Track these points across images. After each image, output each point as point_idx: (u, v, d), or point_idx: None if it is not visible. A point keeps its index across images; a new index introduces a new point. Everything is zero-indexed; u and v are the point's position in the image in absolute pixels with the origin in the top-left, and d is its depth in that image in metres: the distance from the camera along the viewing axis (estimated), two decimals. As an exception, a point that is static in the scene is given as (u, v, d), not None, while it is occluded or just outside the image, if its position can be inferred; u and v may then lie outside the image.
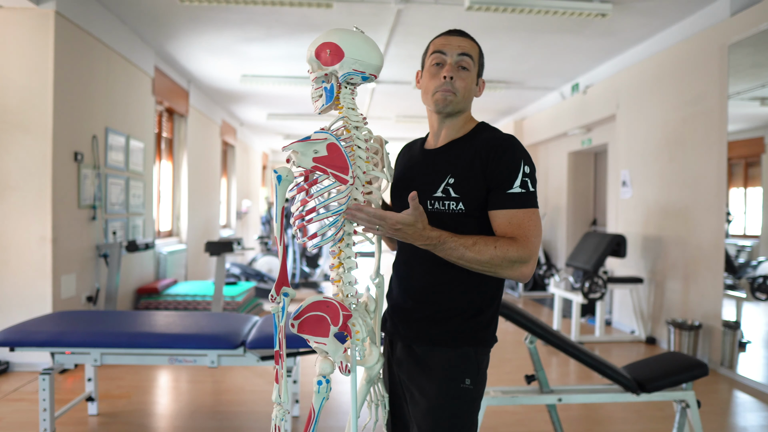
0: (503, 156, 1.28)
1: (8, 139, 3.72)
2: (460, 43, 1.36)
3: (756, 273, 4.07)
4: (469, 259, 1.23)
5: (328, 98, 1.29)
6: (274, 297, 1.21)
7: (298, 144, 1.21)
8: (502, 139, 1.31)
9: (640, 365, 2.56)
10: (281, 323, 1.21)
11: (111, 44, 4.58)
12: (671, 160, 4.75)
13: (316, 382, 1.26)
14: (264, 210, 11.82)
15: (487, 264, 1.23)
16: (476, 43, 1.39)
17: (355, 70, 1.27)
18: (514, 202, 1.26)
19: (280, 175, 1.19)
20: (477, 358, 1.34)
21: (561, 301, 5.41)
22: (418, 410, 1.33)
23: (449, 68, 1.34)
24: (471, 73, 1.36)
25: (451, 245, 1.23)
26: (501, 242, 1.23)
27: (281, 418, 1.25)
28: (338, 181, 1.22)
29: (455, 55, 1.34)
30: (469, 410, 1.33)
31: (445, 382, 1.31)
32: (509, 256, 1.22)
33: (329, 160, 1.22)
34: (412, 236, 1.22)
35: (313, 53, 1.28)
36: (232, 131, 9.45)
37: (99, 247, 4.38)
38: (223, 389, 3.56)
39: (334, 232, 1.26)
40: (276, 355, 1.24)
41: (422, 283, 1.37)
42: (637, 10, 4.37)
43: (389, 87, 7.03)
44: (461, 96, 1.35)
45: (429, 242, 1.23)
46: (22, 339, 2.46)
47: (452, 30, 1.40)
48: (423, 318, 1.36)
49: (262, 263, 7.84)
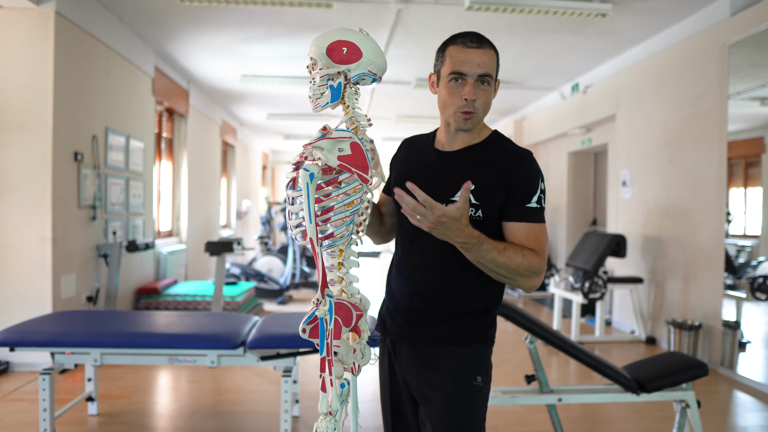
0: (527, 171, 1.31)
1: (8, 139, 3.72)
2: (480, 60, 1.29)
3: (756, 273, 4.07)
4: (499, 263, 1.23)
5: (334, 97, 1.25)
6: (319, 300, 1.14)
7: (326, 141, 1.18)
8: (524, 155, 1.34)
9: (640, 365, 2.56)
10: (330, 326, 1.15)
11: (111, 44, 4.58)
12: (671, 160, 4.75)
13: (339, 385, 1.20)
14: (264, 210, 11.81)
15: (512, 270, 1.24)
16: (494, 49, 1.34)
17: (369, 71, 1.26)
18: (531, 216, 1.29)
19: (312, 173, 1.12)
20: (486, 355, 1.37)
21: (561, 301, 5.41)
22: (432, 409, 1.34)
23: (471, 90, 1.29)
24: (491, 87, 1.33)
25: (487, 247, 1.22)
26: (527, 252, 1.26)
27: (333, 429, 1.16)
28: (360, 181, 1.20)
29: (476, 76, 1.29)
30: (481, 408, 1.35)
31: (458, 380, 1.33)
32: (532, 266, 1.25)
33: (353, 159, 1.19)
34: (454, 231, 1.18)
35: (324, 49, 1.23)
36: (232, 131, 9.44)
37: (99, 247, 4.38)
38: (223, 389, 3.56)
39: (349, 232, 1.24)
40: (323, 361, 1.14)
41: (430, 285, 1.37)
42: (637, 10, 4.37)
43: (389, 87, 7.03)
44: (482, 112, 1.34)
45: (468, 240, 1.20)
46: (22, 339, 2.46)
47: (470, 37, 1.31)
48: (432, 318, 1.36)
49: (262, 263, 7.83)
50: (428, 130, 1.60)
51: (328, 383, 1.14)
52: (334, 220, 1.21)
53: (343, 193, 1.21)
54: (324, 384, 1.14)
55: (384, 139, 11.45)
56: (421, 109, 8.48)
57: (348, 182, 1.21)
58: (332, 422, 1.16)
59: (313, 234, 1.13)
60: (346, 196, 1.22)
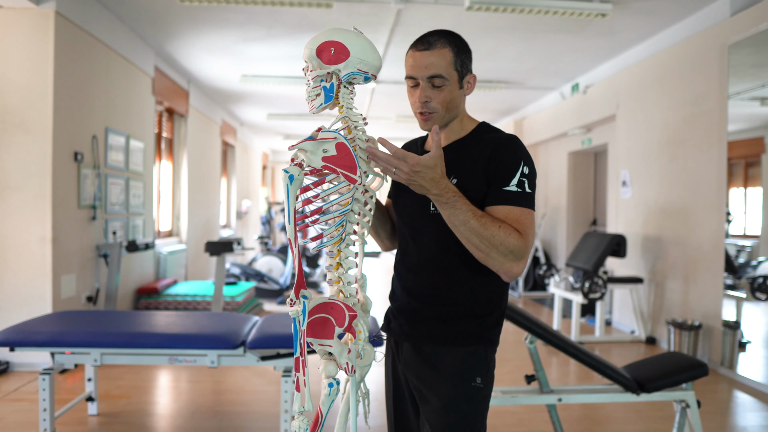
0: (504, 154, 1.28)
1: (8, 139, 3.72)
2: (427, 62, 1.29)
3: (756, 273, 4.07)
4: (472, 227, 1.19)
5: (328, 97, 1.27)
6: (293, 301, 1.15)
7: (308, 143, 1.19)
8: (505, 139, 1.31)
9: (640, 365, 2.56)
10: (303, 327, 1.16)
11: (111, 44, 4.58)
12: (671, 160, 4.75)
13: (327, 384, 1.23)
14: (264, 210, 11.81)
15: (486, 240, 1.19)
16: (449, 45, 1.31)
17: (359, 69, 1.26)
18: (510, 200, 1.25)
19: (292, 175, 1.15)
20: (486, 356, 1.35)
21: (561, 301, 5.41)
22: (430, 409, 1.33)
23: (421, 93, 1.31)
24: (448, 86, 1.31)
25: (462, 206, 1.20)
26: (505, 226, 1.21)
27: (305, 429, 1.19)
28: (347, 181, 1.21)
29: (425, 79, 1.30)
30: (480, 409, 1.34)
31: (456, 381, 1.32)
32: (508, 242, 1.20)
33: (338, 159, 1.20)
34: (430, 181, 1.17)
35: (314, 51, 1.25)
36: (232, 131, 9.45)
37: (99, 247, 4.38)
38: (223, 389, 3.56)
39: (340, 233, 1.25)
40: (297, 361, 1.16)
41: (427, 286, 1.37)
42: (637, 10, 4.37)
43: (389, 87, 7.03)
44: (443, 111, 1.33)
45: (443, 193, 1.19)
46: (22, 339, 2.46)
47: (420, 41, 1.32)
48: (431, 318, 1.36)
49: (262, 263, 7.83)
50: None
51: (301, 383, 1.16)
52: (323, 221, 1.23)
53: (332, 194, 1.23)
54: (298, 384, 1.16)
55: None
56: (421, 109, 8.47)
57: (337, 183, 1.23)
58: (305, 422, 1.19)
59: (292, 235, 1.15)
60: (338, 195, 1.23)
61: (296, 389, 1.17)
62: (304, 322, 1.16)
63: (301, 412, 1.18)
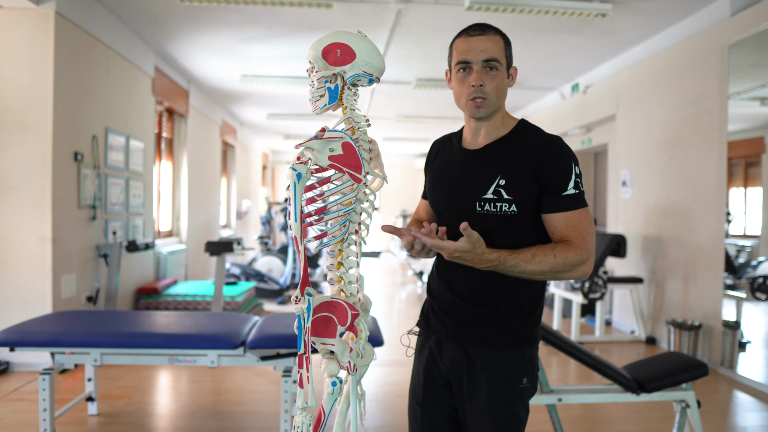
0: (554, 158, 1.29)
1: (8, 139, 3.72)
2: (483, 46, 1.30)
3: (756, 273, 4.07)
4: (531, 272, 1.25)
5: (332, 98, 1.28)
6: (298, 298, 1.17)
7: (316, 141, 1.21)
8: (553, 141, 1.32)
9: (640, 365, 2.57)
10: (308, 324, 1.18)
11: (111, 44, 4.58)
12: (671, 160, 4.75)
13: (330, 383, 1.24)
14: (264, 210, 11.80)
15: (549, 273, 1.25)
16: (500, 34, 1.34)
17: (365, 71, 1.27)
18: (570, 204, 1.28)
19: (299, 173, 1.17)
20: (531, 356, 1.37)
21: (561, 301, 5.41)
22: (476, 409, 1.33)
23: (476, 76, 1.30)
24: (500, 72, 1.32)
25: (511, 263, 1.25)
26: (559, 249, 1.25)
27: (308, 425, 1.20)
28: (353, 180, 1.23)
29: (480, 63, 1.30)
30: (525, 409, 1.36)
31: (504, 383, 1.32)
32: (569, 261, 1.24)
33: (345, 158, 1.22)
34: (472, 261, 1.23)
35: (320, 52, 1.26)
36: (232, 131, 9.45)
37: (99, 247, 4.38)
38: (223, 389, 3.56)
39: (342, 232, 1.26)
40: (300, 358, 1.18)
41: (472, 285, 1.37)
42: (637, 10, 4.37)
43: (389, 87, 7.03)
44: (495, 98, 1.33)
45: (490, 262, 1.24)
46: (22, 339, 2.46)
47: (473, 27, 1.34)
48: (476, 318, 1.36)
49: (262, 263, 7.83)
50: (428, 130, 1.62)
51: (305, 379, 1.18)
52: (327, 220, 1.24)
53: (336, 193, 1.24)
54: (301, 380, 1.18)
55: (384, 139, 11.44)
56: (422, 109, 8.48)
57: (342, 182, 1.24)
58: (308, 417, 1.21)
59: (297, 233, 1.17)
60: (341, 195, 1.24)
61: (299, 385, 1.19)
62: (308, 319, 1.17)
63: (303, 408, 1.20)
